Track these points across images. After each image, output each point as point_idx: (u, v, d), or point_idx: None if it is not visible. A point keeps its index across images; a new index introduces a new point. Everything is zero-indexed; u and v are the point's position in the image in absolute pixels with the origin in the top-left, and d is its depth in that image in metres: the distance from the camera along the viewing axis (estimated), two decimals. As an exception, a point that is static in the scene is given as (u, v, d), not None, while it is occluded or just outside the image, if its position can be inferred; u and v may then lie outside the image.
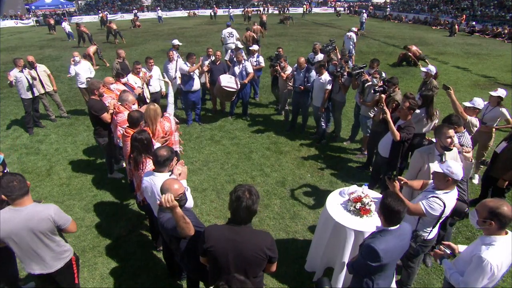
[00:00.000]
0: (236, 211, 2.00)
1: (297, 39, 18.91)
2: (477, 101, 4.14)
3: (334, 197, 3.30)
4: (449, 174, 2.43)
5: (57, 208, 2.48)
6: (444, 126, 3.13)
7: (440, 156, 3.14)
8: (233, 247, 2.00)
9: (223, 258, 2.02)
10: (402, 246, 2.19)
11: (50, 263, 2.51)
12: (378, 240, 2.10)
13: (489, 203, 2.04)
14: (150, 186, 2.79)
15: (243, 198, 1.96)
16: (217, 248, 2.02)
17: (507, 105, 7.82)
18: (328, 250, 3.15)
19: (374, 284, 2.19)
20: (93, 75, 7.55)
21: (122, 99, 4.50)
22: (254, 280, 2.11)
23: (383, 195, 2.18)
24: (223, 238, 2.02)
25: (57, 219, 2.41)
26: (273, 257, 2.07)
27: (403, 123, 3.99)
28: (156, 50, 16.00)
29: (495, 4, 24.35)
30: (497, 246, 1.99)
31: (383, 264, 2.08)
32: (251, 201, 1.97)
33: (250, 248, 1.99)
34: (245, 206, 1.96)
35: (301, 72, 6.10)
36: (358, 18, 23.54)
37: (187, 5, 41.62)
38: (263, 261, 2.04)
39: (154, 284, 3.39)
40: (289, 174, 5.31)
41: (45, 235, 2.41)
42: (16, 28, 31.63)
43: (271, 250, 2.04)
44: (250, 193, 1.99)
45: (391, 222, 2.12)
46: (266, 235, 2.09)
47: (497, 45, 16.84)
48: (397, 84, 4.90)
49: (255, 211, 2.03)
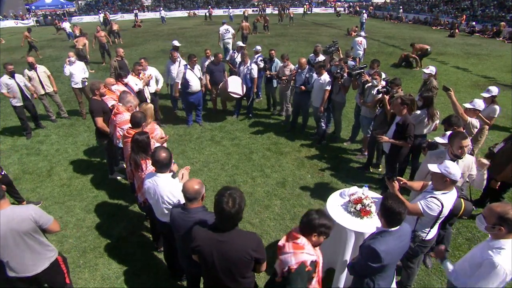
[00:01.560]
0: (219, 219, 1.99)
1: (297, 39, 18.91)
2: (478, 103, 4.13)
3: (335, 198, 3.31)
4: (446, 175, 2.43)
5: (37, 208, 2.50)
6: (459, 135, 3.07)
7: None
8: (218, 248, 2.01)
9: (209, 257, 2.04)
10: (402, 247, 2.21)
11: (34, 264, 2.50)
12: (378, 241, 2.11)
13: (496, 208, 2.03)
14: (153, 187, 2.80)
15: (226, 209, 1.92)
16: (203, 248, 2.04)
17: (506, 106, 7.90)
18: (329, 251, 3.15)
19: (375, 284, 2.21)
20: (87, 76, 7.57)
21: (121, 99, 4.50)
22: (243, 281, 2.11)
23: (383, 196, 2.18)
24: (209, 238, 2.03)
25: (38, 218, 2.41)
26: (260, 258, 2.06)
27: (400, 119, 4.04)
28: (156, 50, 16.02)
29: (495, 5, 24.35)
30: (507, 250, 1.99)
31: (383, 265, 2.09)
32: (234, 210, 1.93)
33: (235, 249, 1.99)
34: (228, 217, 1.95)
35: (302, 73, 6.11)
36: (358, 18, 23.53)
37: (187, 5, 41.63)
38: (249, 263, 2.03)
39: (155, 285, 3.40)
40: (289, 175, 5.32)
41: (27, 236, 2.40)
42: (16, 28, 31.58)
43: (257, 252, 2.03)
44: (234, 202, 1.93)
45: (392, 223, 2.13)
46: (252, 237, 2.07)
47: (497, 46, 16.85)
48: (400, 85, 4.91)
49: (239, 218, 2.00)
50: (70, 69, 7.30)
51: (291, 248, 1.97)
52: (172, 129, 7.10)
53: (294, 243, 1.98)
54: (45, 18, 34.18)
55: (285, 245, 2.02)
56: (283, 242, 2.05)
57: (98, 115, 4.74)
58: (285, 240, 2.05)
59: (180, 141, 6.55)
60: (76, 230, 4.18)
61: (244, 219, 4.30)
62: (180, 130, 7.02)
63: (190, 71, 6.53)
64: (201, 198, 2.37)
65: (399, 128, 4.04)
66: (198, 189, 2.32)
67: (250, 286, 2.21)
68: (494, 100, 4.82)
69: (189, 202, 2.35)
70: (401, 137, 4.05)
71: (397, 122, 4.08)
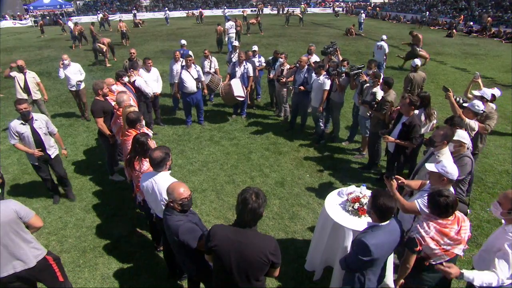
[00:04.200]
0: (241, 213, 2.02)
1: (296, 39, 18.95)
2: (476, 104, 4.04)
3: (333, 197, 3.34)
4: (444, 174, 2.48)
5: (17, 202, 2.53)
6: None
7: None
8: (236, 248, 2.01)
9: (225, 258, 2.03)
10: (393, 241, 2.24)
11: (22, 259, 2.52)
12: (369, 235, 2.16)
13: (511, 194, 2.14)
14: (151, 184, 2.85)
15: (249, 201, 1.97)
16: (220, 247, 2.04)
17: (504, 105, 7.95)
18: (327, 249, 3.19)
19: (365, 279, 2.26)
20: (83, 77, 7.40)
21: (118, 101, 4.49)
22: (257, 284, 2.12)
23: (373, 193, 2.22)
24: (227, 238, 2.03)
25: (19, 210, 2.46)
26: (276, 263, 2.08)
27: (407, 119, 4.06)
28: (155, 51, 16.02)
29: (492, 5, 24.45)
30: None
31: (374, 259, 2.13)
32: (256, 204, 1.98)
33: (253, 251, 2.00)
34: (250, 209, 1.98)
35: (301, 73, 6.14)
36: (357, 18, 23.59)
37: (186, 5, 41.63)
38: (265, 266, 2.04)
39: (155, 284, 3.42)
40: (288, 175, 5.35)
41: (14, 232, 2.43)
42: (14, 28, 31.57)
43: (274, 256, 2.05)
44: (257, 196, 2.00)
45: (384, 218, 2.17)
46: (271, 240, 2.10)
47: (495, 46, 16.94)
48: (391, 85, 4.85)
49: (260, 214, 2.03)
50: (65, 72, 7.12)
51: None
52: (171, 129, 7.12)
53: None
54: (44, 18, 34.10)
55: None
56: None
57: (98, 116, 4.75)
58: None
59: (179, 141, 6.57)
60: (76, 230, 4.19)
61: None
62: (179, 130, 7.04)
63: (185, 71, 6.54)
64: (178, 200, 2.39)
65: (405, 128, 4.06)
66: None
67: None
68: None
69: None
70: (406, 137, 4.08)
71: (404, 122, 4.10)
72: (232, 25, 14.88)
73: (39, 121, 4.19)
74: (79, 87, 7.30)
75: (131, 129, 3.75)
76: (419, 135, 4.12)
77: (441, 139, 3.14)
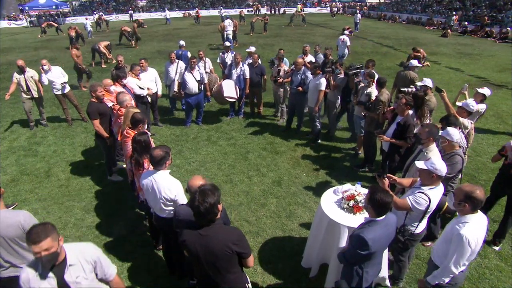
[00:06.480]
0: (195, 215, 2.07)
1: (292, 39, 19.03)
2: (470, 103, 4.16)
3: (329, 195, 3.42)
4: (433, 171, 2.58)
5: (28, 214, 2.47)
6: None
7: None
8: (201, 242, 2.09)
9: (194, 251, 2.12)
10: (389, 235, 2.36)
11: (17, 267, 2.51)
12: (366, 230, 2.25)
13: (465, 187, 2.28)
14: (151, 183, 2.92)
15: (196, 203, 2.01)
16: (188, 242, 2.12)
17: (497, 105, 8.08)
18: (323, 246, 3.26)
19: (363, 271, 2.35)
20: (66, 79, 7.27)
21: (120, 101, 4.56)
22: (229, 276, 2.17)
23: (370, 189, 2.31)
24: (193, 233, 2.11)
25: (27, 226, 2.30)
26: (243, 253, 2.13)
27: (401, 119, 4.15)
28: (151, 51, 16.02)
29: (486, 5, 24.68)
30: (471, 223, 2.25)
31: (371, 252, 2.23)
32: (203, 206, 1.99)
33: (217, 243, 2.07)
34: (198, 213, 2.03)
35: (298, 74, 6.21)
36: (353, 18, 23.72)
37: (182, 6, 41.57)
38: (231, 257, 2.10)
39: (155, 283, 3.47)
40: (285, 174, 5.42)
41: (13, 242, 2.41)
42: (10, 29, 31.37)
43: (239, 246, 2.09)
44: (202, 194, 2.01)
45: (380, 213, 2.27)
46: (233, 231, 2.17)
47: (489, 45, 17.12)
48: (382, 84, 4.91)
49: (212, 214, 2.04)
50: (48, 77, 6.97)
51: None
52: (169, 129, 7.17)
53: None
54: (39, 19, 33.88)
55: None
56: None
57: (93, 118, 4.79)
58: None
59: (177, 141, 6.62)
60: (75, 230, 4.24)
61: (241, 217, 4.40)
62: (177, 131, 7.09)
63: (188, 72, 6.61)
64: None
65: (400, 127, 4.15)
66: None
67: (239, 281, 2.25)
68: (483, 100, 4.86)
69: None
70: (401, 136, 4.17)
71: (399, 122, 4.18)
72: (230, 23, 15.59)
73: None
74: (64, 90, 7.16)
75: (132, 129, 3.80)
76: (413, 135, 4.21)
77: (427, 136, 3.31)
